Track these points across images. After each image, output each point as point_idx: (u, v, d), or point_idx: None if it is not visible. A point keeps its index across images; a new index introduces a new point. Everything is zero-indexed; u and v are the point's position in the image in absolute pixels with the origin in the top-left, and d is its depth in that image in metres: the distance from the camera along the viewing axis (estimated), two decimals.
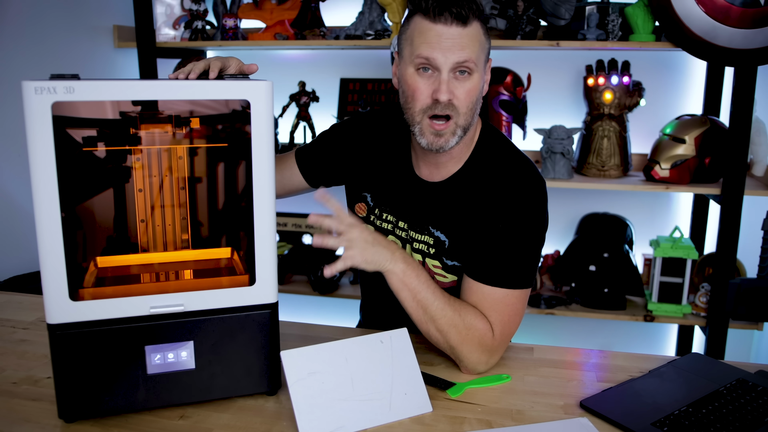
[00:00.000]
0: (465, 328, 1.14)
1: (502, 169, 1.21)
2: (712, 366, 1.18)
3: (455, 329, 1.13)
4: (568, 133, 2.23)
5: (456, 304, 1.15)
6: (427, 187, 1.27)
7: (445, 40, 1.10)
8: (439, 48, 1.10)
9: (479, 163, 1.24)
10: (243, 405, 1.06)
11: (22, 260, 2.10)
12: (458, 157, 1.24)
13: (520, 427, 1.01)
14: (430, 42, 1.11)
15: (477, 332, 1.14)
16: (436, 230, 1.26)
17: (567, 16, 2.14)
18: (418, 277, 1.14)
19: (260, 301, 1.04)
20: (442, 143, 1.16)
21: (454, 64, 1.11)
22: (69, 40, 2.36)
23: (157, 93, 1.00)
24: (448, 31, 1.10)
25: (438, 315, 1.13)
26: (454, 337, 1.14)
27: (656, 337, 2.60)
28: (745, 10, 1.89)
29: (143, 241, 1.12)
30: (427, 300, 1.14)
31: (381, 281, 1.41)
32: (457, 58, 1.11)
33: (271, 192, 1.02)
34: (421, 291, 1.14)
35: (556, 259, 2.45)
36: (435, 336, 1.16)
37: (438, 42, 1.10)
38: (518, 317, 1.19)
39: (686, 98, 2.42)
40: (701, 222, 2.43)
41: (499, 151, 1.24)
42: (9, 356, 1.22)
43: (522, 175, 1.20)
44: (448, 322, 1.13)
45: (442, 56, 1.10)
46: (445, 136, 1.15)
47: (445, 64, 1.11)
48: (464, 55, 1.11)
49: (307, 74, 2.64)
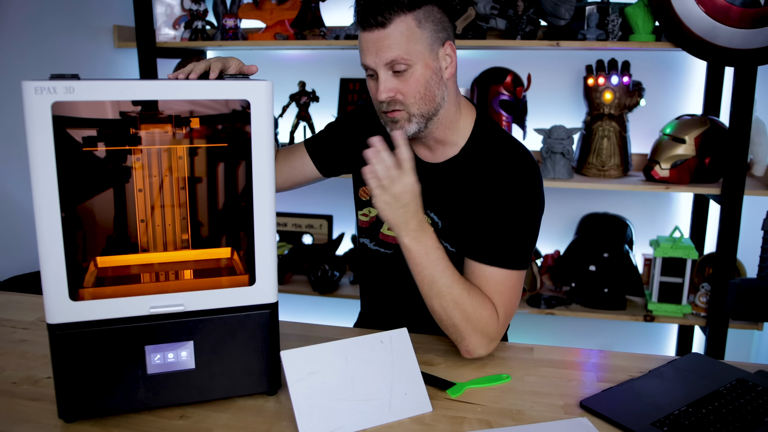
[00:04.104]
0: (471, 308, 1.16)
1: (498, 153, 1.26)
2: (712, 366, 1.18)
3: (460, 308, 1.15)
4: (568, 133, 2.23)
5: (466, 285, 1.17)
6: (426, 167, 1.31)
7: (371, 44, 1.17)
8: (368, 53, 1.18)
9: (475, 148, 1.28)
10: (243, 405, 1.06)
11: (22, 260, 2.10)
12: (447, 140, 1.28)
13: (520, 427, 1.01)
14: (363, 49, 1.19)
15: (484, 315, 1.16)
16: (431, 212, 1.29)
17: (567, 16, 2.14)
18: (427, 253, 1.15)
19: (260, 301, 1.04)
20: (399, 129, 1.21)
21: (385, 65, 1.17)
22: (69, 40, 2.36)
23: (157, 93, 1.00)
24: (371, 36, 1.17)
25: (444, 292, 1.15)
26: (459, 317, 1.16)
27: (656, 337, 2.60)
28: (745, 10, 1.89)
29: (143, 241, 1.12)
30: (434, 276, 1.15)
31: (379, 282, 1.42)
32: (385, 58, 1.17)
33: (271, 192, 1.02)
34: (429, 267, 1.15)
35: (556, 259, 2.45)
36: (439, 312, 1.18)
37: (367, 47, 1.18)
38: (517, 299, 1.23)
39: (686, 98, 2.42)
40: (701, 222, 2.43)
41: (496, 138, 1.28)
42: (9, 356, 1.22)
43: (518, 158, 1.24)
44: (455, 300, 1.15)
45: (372, 60, 1.18)
46: (400, 122, 1.22)
47: (377, 66, 1.18)
48: (392, 54, 1.16)
49: (307, 74, 2.64)
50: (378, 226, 1.38)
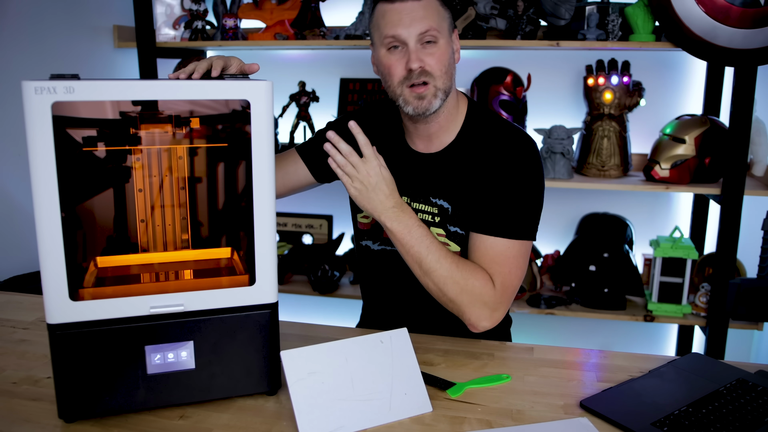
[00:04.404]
0: (463, 279, 1.18)
1: (494, 133, 1.28)
2: (712, 366, 1.18)
3: (452, 281, 1.18)
4: (568, 133, 2.23)
5: (454, 258, 1.20)
6: (424, 158, 1.33)
7: (405, 15, 1.19)
8: (401, 24, 1.19)
9: (471, 132, 1.30)
10: (243, 405, 1.06)
11: (22, 260, 2.10)
12: (446, 126, 1.30)
13: (520, 427, 1.01)
14: (392, 21, 1.20)
15: (476, 284, 1.18)
16: (438, 199, 1.31)
17: (567, 16, 2.14)
18: (409, 231, 1.19)
19: (260, 301, 1.04)
20: (426, 104, 1.22)
21: (418, 35, 1.20)
22: (69, 40, 2.36)
23: (157, 93, 1.00)
24: (405, 6, 1.19)
25: (433, 267, 1.18)
26: (452, 290, 1.18)
27: (656, 337, 2.60)
28: (745, 10, 1.89)
29: (143, 241, 1.12)
30: (420, 254, 1.19)
31: (385, 281, 1.42)
32: (419, 28, 1.19)
33: (271, 192, 1.02)
34: (414, 245, 1.19)
35: (556, 259, 2.45)
36: (434, 289, 1.21)
37: (399, 19, 1.19)
38: (520, 270, 1.24)
39: (686, 98, 2.42)
40: (701, 222, 2.43)
41: (489, 120, 1.31)
42: (9, 356, 1.22)
43: (514, 136, 1.27)
44: (445, 274, 1.18)
45: (405, 30, 1.19)
46: (428, 98, 1.22)
47: (410, 36, 1.20)
48: (425, 25, 1.19)
49: (307, 74, 2.64)
50: (380, 227, 1.38)
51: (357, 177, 1.19)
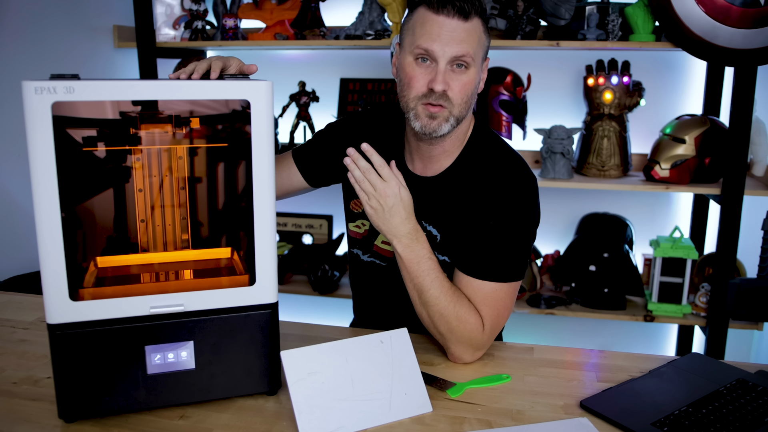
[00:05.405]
0: (456, 320, 1.16)
1: (493, 164, 1.23)
2: (712, 366, 1.18)
3: (446, 319, 1.16)
4: (568, 133, 2.23)
5: (454, 295, 1.17)
6: (420, 181, 1.28)
7: (446, 32, 1.13)
8: (439, 40, 1.13)
9: (471, 158, 1.26)
10: (243, 405, 1.06)
11: (22, 260, 2.10)
12: (450, 151, 1.26)
13: (520, 427, 1.01)
14: (430, 33, 1.13)
15: (468, 326, 1.16)
16: (429, 224, 1.28)
17: (567, 16, 2.14)
18: (419, 262, 1.16)
19: (260, 301, 1.04)
20: (435, 126, 1.17)
21: (451, 57, 1.14)
22: (69, 40, 2.36)
23: (157, 93, 1.00)
24: (449, 23, 1.13)
25: (432, 302, 1.16)
26: (444, 327, 1.17)
27: (656, 337, 2.60)
28: (745, 10, 1.89)
29: (143, 241, 1.11)
30: (423, 286, 1.16)
31: (372, 292, 1.40)
32: (456, 51, 1.13)
33: (271, 192, 1.02)
34: (419, 276, 1.16)
35: (556, 259, 2.45)
36: (426, 320, 1.19)
37: (438, 34, 1.13)
38: (507, 311, 1.22)
39: (686, 98, 2.42)
40: (701, 222, 2.43)
41: (491, 148, 1.26)
42: (9, 356, 1.22)
43: (513, 171, 1.22)
44: (442, 311, 1.16)
45: (440, 48, 1.13)
46: (438, 120, 1.17)
47: (443, 56, 1.14)
48: (462, 49, 1.13)
49: (307, 74, 2.64)
50: (372, 239, 1.37)
51: (374, 195, 1.15)
